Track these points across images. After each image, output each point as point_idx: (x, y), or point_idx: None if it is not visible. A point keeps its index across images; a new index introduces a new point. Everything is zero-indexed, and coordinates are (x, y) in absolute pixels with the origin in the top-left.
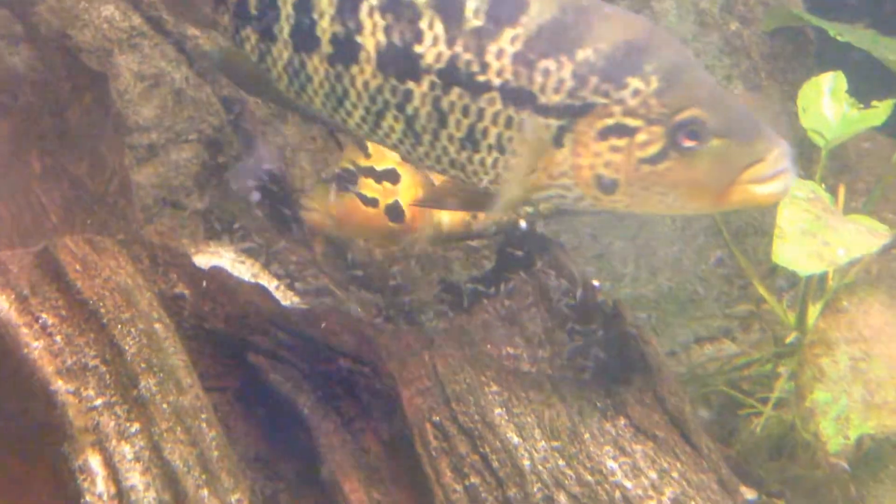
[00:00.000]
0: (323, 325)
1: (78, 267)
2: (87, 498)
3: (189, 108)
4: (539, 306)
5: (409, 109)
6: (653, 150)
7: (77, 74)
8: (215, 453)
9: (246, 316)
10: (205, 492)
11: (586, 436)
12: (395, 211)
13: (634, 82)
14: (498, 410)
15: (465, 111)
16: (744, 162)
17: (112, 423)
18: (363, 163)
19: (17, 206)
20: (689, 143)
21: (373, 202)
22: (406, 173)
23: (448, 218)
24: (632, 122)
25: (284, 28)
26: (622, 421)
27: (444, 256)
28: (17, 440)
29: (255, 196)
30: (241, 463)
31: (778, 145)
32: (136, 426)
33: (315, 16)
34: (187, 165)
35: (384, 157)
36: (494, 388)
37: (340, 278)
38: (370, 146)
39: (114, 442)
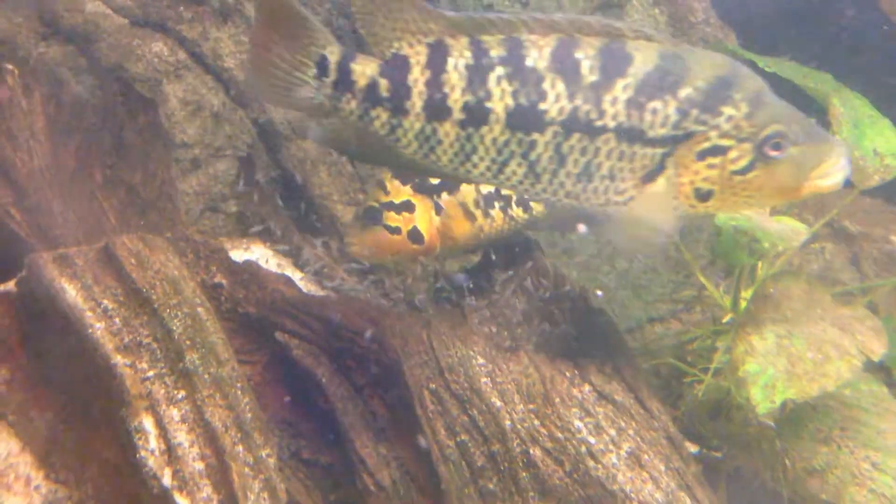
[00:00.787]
0: (338, 308)
1: (133, 261)
2: (142, 454)
3: (226, 128)
4: (518, 293)
5: (533, 156)
6: (743, 162)
7: (131, 100)
8: (248, 416)
9: (273, 301)
10: (240, 448)
11: (557, 400)
12: (415, 235)
13: (727, 110)
14: (484, 379)
15: (583, 151)
16: (813, 163)
17: (162, 391)
18: (384, 199)
19: (82, 210)
20: (773, 154)
21: (396, 230)
22: (419, 202)
23: (460, 232)
24: (725, 142)
25: (416, 103)
26: (587, 387)
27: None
28: (83, 405)
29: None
30: (270, 424)
31: (837, 146)
32: (182, 393)
33: (446, 90)
34: (224, 176)
35: (400, 192)
36: (481, 360)
37: (352, 270)
38: (388, 185)
39: (164, 406)
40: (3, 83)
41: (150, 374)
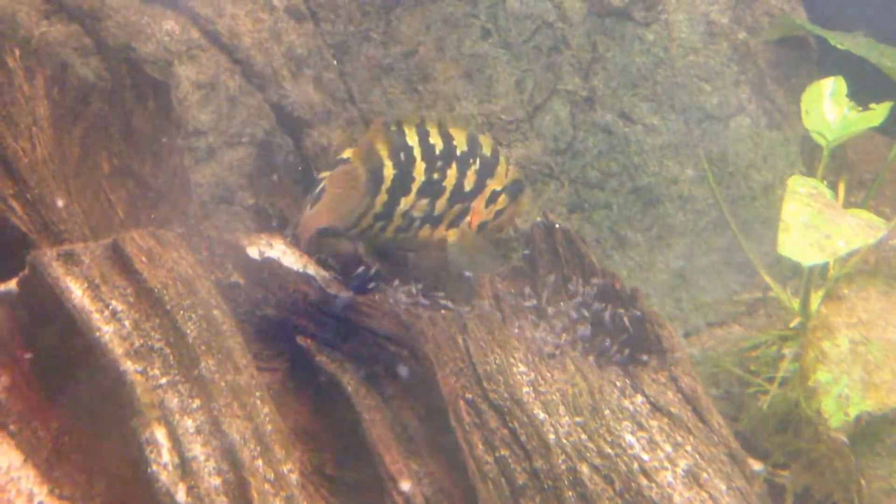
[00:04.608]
0: (366, 311)
1: (144, 258)
2: (154, 467)
3: (242, 113)
4: (562, 294)
5: None
6: None
7: (141, 83)
8: (268, 427)
9: (295, 303)
10: (259, 462)
11: (606, 412)
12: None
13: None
14: (525, 389)
15: None
16: None
17: (175, 400)
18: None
19: (88, 203)
20: None
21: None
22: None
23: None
24: None
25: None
26: (639, 398)
27: None
28: (90, 415)
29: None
30: (291, 436)
31: None
32: (197, 402)
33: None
34: (241, 165)
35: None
36: (522, 368)
37: (381, 269)
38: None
39: (177, 417)
40: (4, 66)
41: (163, 381)
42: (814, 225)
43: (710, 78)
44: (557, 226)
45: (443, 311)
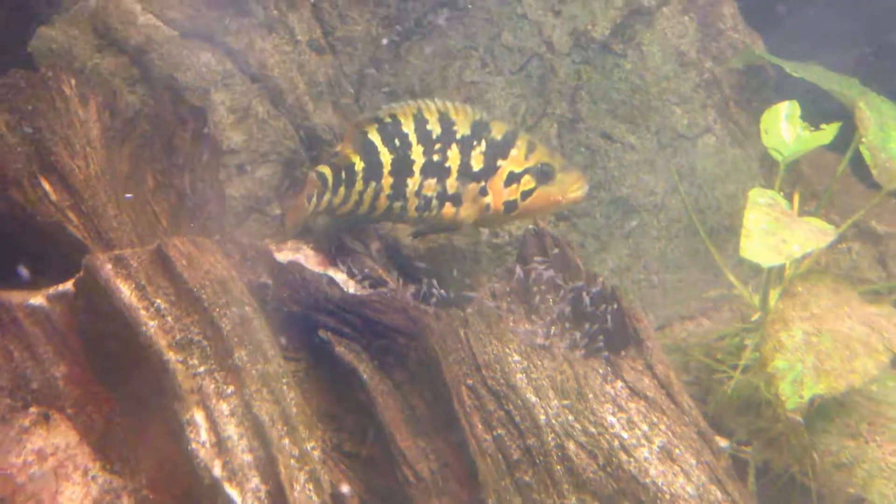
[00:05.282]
0: (379, 307)
1: (184, 262)
2: (193, 445)
3: (270, 134)
4: (551, 293)
5: None
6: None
7: (182, 109)
8: (294, 410)
9: (317, 301)
10: (286, 441)
11: (590, 396)
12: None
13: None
14: (519, 376)
15: None
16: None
17: (212, 386)
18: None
19: (135, 214)
20: None
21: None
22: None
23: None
24: None
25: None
26: (619, 384)
27: (474, 251)
28: (137, 400)
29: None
30: (314, 418)
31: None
32: (231, 388)
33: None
34: (269, 180)
35: None
36: (516, 357)
37: (392, 270)
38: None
39: (214, 401)
40: (61, 93)
41: (201, 369)
42: (772, 231)
43: (681, 102)
44: (547, 232)
45: (446, 308)
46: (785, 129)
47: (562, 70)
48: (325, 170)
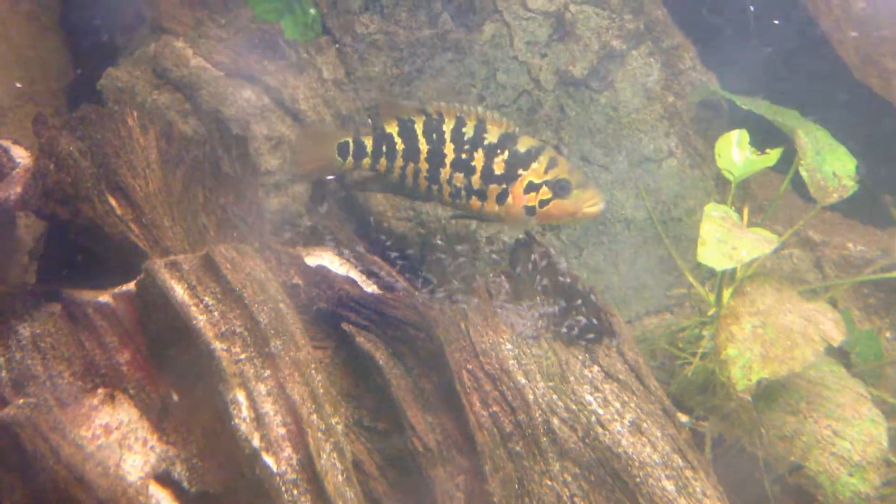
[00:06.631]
0: (393, 304)
1: (228, 266)
2: (236, 420)
3: None
4: (538, 291)
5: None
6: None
7: (226, 137)
8: (321, 390)
9: (340, 298)
10: (314, 417)
11: (571, 378)
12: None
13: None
14: (511, 361)
15: None
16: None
17: (252, 371)
18: None
19: (187, 225)
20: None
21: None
22: None
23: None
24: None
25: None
26: (596, 368)
27: (473, 260)
28: (188, 381)
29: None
30: (338, 397)
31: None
32: (267, 372)
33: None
34: (300, 196)
35: None
36: (509, 346)
37: (404, 272)
38: None
39: (253, 383)
40: (125, 123)
41: (242, 356)
42: (724, 240)
43: (647, 130)
44: (534, 240)
45: (450, 304)
46: (736, 153)
47: (547, 103)
48: (367, 140)
